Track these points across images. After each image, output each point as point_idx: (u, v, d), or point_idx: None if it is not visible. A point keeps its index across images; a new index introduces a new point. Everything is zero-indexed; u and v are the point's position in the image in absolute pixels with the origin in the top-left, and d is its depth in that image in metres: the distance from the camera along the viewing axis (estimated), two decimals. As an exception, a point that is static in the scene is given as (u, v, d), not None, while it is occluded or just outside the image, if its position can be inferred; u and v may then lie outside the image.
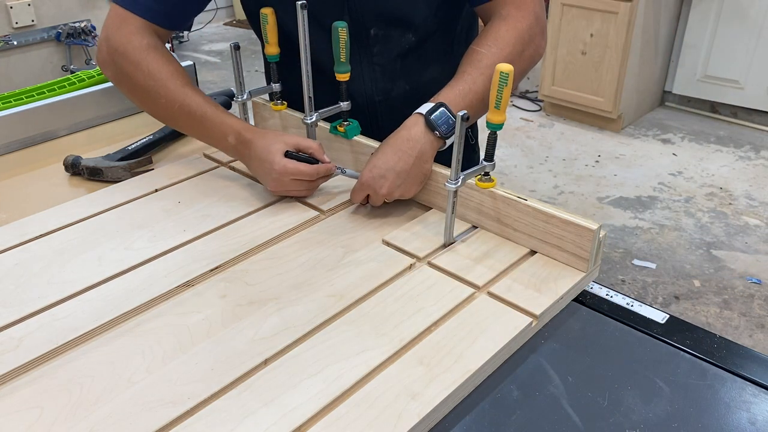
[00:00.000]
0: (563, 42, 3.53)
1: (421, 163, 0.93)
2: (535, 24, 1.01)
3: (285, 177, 0.96)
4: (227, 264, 0.87)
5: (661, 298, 2.36)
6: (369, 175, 0.93)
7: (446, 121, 0.92)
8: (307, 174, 0.97)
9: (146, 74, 1.01)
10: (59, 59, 2.82)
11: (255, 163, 0.99)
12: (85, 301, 0.81)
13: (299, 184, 0.98)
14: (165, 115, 1.06)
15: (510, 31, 0.99)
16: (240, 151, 1.01)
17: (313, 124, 1.04)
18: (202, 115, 1.01)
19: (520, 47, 0.99)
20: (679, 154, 3.37)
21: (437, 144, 0.93)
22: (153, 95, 1.02)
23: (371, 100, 1.12)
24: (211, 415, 0.65)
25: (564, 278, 0.83)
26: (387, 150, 0.93)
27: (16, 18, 2.64)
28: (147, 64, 1.01)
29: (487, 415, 0.68)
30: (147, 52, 1.02)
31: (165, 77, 1.01)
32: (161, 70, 1.01)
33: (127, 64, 1.02)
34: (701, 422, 0.67)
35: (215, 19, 5.66)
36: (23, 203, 1.06)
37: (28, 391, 0.68)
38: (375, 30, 1.06)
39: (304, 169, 0.96)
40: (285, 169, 0.95)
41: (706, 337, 0.78)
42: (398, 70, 1.11)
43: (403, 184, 0.93)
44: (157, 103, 1.03)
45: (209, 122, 1.01)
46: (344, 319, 0.77)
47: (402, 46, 1.09)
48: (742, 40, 3.44)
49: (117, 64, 1.03)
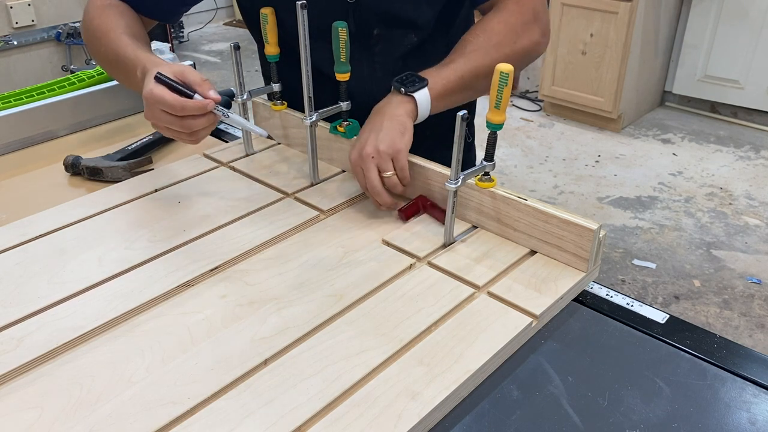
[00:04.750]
0: (563, 42, 3.53)
1: (392, 115, 0.93)
2: (531, 20, 1.01)
3: (151, 103, 0.87)
4: (227, 264, 0.87)
5: (661, 298, 2.36)
6: (353, 152, 0.94)
7: (412, 82, 0.94)
8: (170, 104, 0.86)
9: (96, 26, 1.06)
10: (59, 59, 2.82)
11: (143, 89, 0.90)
12: (85, 301, 0.81)
13: (168, 119, 0.88)
14: (105, 65, 1.09)
15: (500, 23, 1.00)
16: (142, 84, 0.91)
17: (313, 124, 1.04)
18: (124, 56, 0.99)
19: (512, 37, 0.99)
20: (679, 154, 3.37)
21: (404, 99, 0.94)
22: (97, 45, 1.05)
23: (373, 100, 1.12)
24: (211, 415, 0.65)
25: (564, 278, 0.83)
26: (361, 129, 0.97)
27: (16, 18, 2.64)
28: (100, 19, 1.05)
29: (487, 415, 0.68)
30: (102, 10, 1.06)
31: (108, 29, 1.04)
32: (108, 22, 1.04)
33: (87, 20, 1.08)
34: (701, 422, 0.67)
35: (215, 19, 5.65)
36: (23, 203, 1.06)
37: (28, 391, 0.68)
38: (378, 30, 1.06)
39: (168, 98, 0.85)
40: (150, 93, 0.86)
41: (706, 337, 0.78)
42: (399, 70, 1.11)
43: (383, 137, 0.91)
44: (99, 52, 1.06)
45: (126, 59, 0.98)
46: (344, 319, 0.77)
47: (404, 47, 1.09)
48: (742, 40, 3.44)
49: (84, 22, 1.09)
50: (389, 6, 1.04)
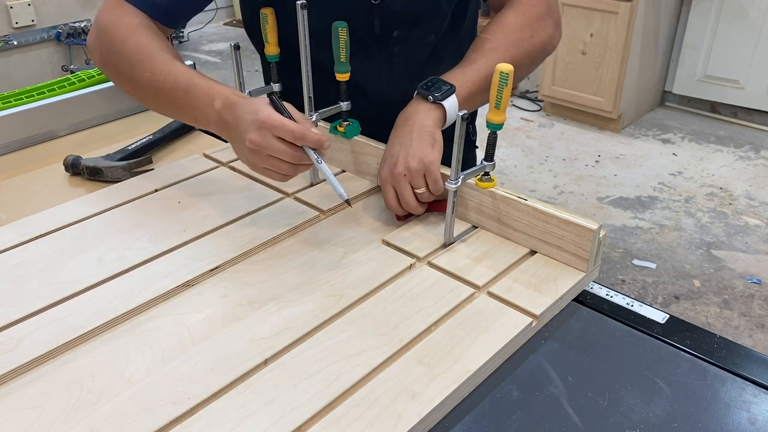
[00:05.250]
0: (563, 42, 3.53)
1: (421, 126, 0.90)
2: (546, 13, 1.01)
3: (268, 127, 0.81)
4: (227, 264, 0.87)
5: (661, 298, 2.36)
6: (383, 169, 0.91)
7: (438, 87, 0.91)
8: (290, 131, 0.81)
9: (133, 49, 0.94)
10: (59, 59, 2.82)
11: (238, 124, 0.84)
12: (85, 301, 0.81)
13: (281, 149, 0.82)
14: (148, 92, 0.96)
15: (517, 18, 0.99)
16: (224, 117, 0.87)
17: (313, 124, 1.04)
18: (188, 83, 0.90)
19: (528, 32, 0.98)
20: (679, 154, 3.37)
21: (432, 107, 0.92)
22: (139, 70, 0.94)
23: (390, 101, 1.12)
24: (211, 415, 0.65)
25: (564, 278, 0.83)
26: (389, 140, 0.94)
27: (16, 18, 2.64)
28: (135, 39, 0.94)
29: (487, 415, 0.68)
30: (137, 29, 0.95)
31: (153, 51, 0.94)
32: (149, 45, 0.94)
33: (115, 41, 0.95)
34: (701, 422, 0.67)
35: (215, 19, 5.65)
36: (23, 203, 1.06)
37: (28, 391, 0.68)
38: (398, 32, 1.06)
39: (290, 124, 0.81)
40: (269, 117, 0.81)
41: (706, 337, 0.78)
42: (417, 71, 1.11)
43: (414, 153, 0.88)
44: (143, 78, 0.94)
45: (196, 89, 0.90)
46: (344, 319, 0.77)
47: (423, 48, 1.09)
48: (742, 40, 3.44)
49: (104, 43, 0.97)
50: (411, 5, 1.04)
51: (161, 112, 1.01)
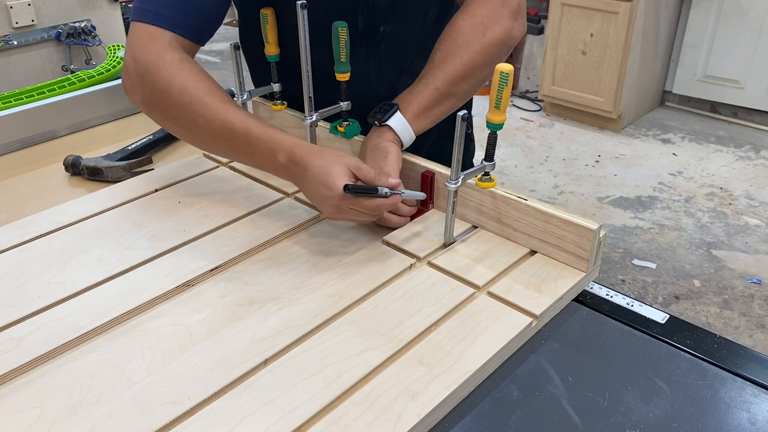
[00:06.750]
0: (563, 42, 3.53)
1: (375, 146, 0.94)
2: (499, 7, 0.99)
3: (345, 206, 0.85)
4: (227, 264, 0.87)
5: (661, 298, 2.36)
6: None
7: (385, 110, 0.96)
8: (367, 208, 0.86)
9: (180, 91, 0.90)
10: (59, 59, 2.82)
11: (311, 187, 0.87)
12: (85, 301, 0.81)
13: (362, 216, 0.88)
14: (205, 138, 0.94)
15: (466, 19, 0.99)
16: (292, 171, 0.88)
17: (313, 124, 1.04)
18: (246, 132, 0.89)
19: (479, 31, 0.98)
20: (679, 154, 3.37)
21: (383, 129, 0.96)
22: (189, 114, 0.91)
23: (377, 98, 1.12)
24: (211, 415, 0.65)
25: (564, 278, 0.83)
26: None
27: (16, 18, 2.63)
28: (181, 80, 0.90)
29: (487, 415, 0.68)
30: (180, 67, 0.91)
31: (201, 93, 0.90)
32: (197, 87, 0.91)
33: (160, 82, 0.91)
34: (701, 422, 0.67)
35: (215, 19, 5.65)
36: (23, 203, 1.06)
37: (28, 391, 0.68)
38: (385, 27, 1.07)
39: (367, 203, 0.85)
40: (345, 199, 0.84)
41: (706, 337, 0.78)
42: (403, 65, 1.12)
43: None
44: (195, 123, 0.91)
45: (255, 139, 0.89)
46: (344, 319, 0.77)
47: (409, 43, 1.10)
48: (742, 40, 3.44)
49: (147, 84, 0.92)
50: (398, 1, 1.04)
51: (220, 155, 1.03)
